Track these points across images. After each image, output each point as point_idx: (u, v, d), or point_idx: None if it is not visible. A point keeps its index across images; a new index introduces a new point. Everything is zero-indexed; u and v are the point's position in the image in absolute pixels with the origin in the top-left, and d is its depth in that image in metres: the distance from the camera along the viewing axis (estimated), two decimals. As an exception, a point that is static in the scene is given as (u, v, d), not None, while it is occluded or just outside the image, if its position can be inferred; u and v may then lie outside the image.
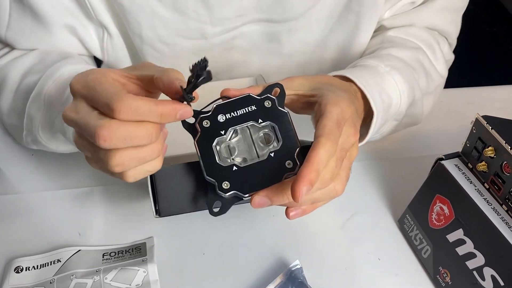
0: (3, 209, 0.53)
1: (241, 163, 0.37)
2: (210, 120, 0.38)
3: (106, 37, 0.57)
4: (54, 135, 0.50)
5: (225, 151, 0.38)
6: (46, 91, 0.49)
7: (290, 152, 0.37)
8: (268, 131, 0.38)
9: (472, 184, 0.44)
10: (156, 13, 0.54)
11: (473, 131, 0.44)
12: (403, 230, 0.52)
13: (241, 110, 0.39)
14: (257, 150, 0.38)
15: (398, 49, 0.56)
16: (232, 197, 0.37)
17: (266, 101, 0.39)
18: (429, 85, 0.58)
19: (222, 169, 0.37)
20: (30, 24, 0.54)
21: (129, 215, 0.53)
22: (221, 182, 0.36)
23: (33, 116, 0.50)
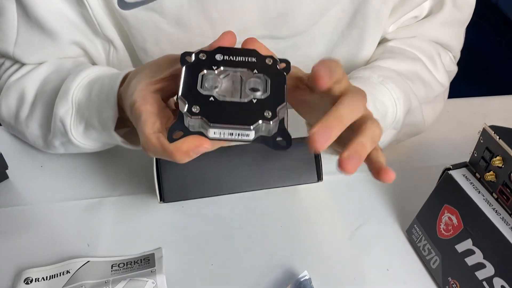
0: (12, 220, 0.53)
1: (219, 96, 0.35)
2: (207, 55, 0.37)
3: (112, 51, 0.58)
4: (87, 134, 0.52)
5: (209, 84, 0.36)
6: (73, 93, 0.50)
7: (273, 105, 0.35)
8: (259, 80, 0.37)
9: (480, 194, 0.44)
10: (160, 28, 0.55)
11: (480, 141, 0.44)
12: (411, 240, 0.52)
13: (241, 57, 0.38)
14: (242, 93, 0.36)
15: (395, 61, 0.57)
16: (197, 128, 0.35)
17: (268, 59, 0.38)
18: (428, 94, 0.58)
19: (198, 95, 0.35)
20: (38, 39, 0.55)
21: (137, 226, 0.53)
22: (192, 105, 0.34)
23: (63, 118, 0.51)
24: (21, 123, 0.57)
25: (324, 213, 0.55)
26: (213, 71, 0.36)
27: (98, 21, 0.54)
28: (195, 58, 0.37)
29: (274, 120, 0.34)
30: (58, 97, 0.51)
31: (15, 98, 0.57)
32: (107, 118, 0.47)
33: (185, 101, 0.34)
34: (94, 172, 0.58)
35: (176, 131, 0.34)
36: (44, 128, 0.55)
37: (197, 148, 0.33)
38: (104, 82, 0.48)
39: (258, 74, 0.37)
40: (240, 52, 0.38)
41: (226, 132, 0.34)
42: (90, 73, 0.51)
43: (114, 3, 0.52)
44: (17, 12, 0.53)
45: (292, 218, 0.54)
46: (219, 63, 0.37)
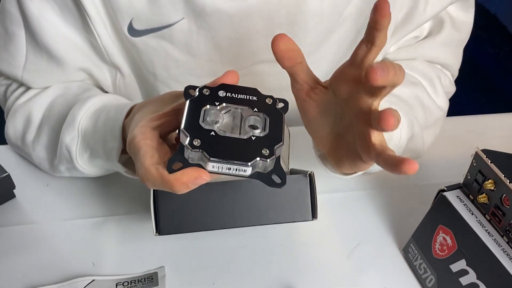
0: (19, 239, 0.55)
1: (220, 132, 0.37)
2: (210, 90, 0.39)
3: (118, 76, 0.60)
4: (92, 161, 0.54)
5: (211, 118, 0.38)
6: (80, 121, 0.52)
7: (271, 143, 0.36)
8: (259, 118, 0.38)
9: (473, 215, 0.46)
10: (169, 55, 0.56)
11: (473, 164, 0.46)
12: (407, 259, 0.53)
13: (243, 95, 0.39)
14: (241, 130, 0.38)
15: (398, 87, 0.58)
16: (196, 160, 0.36)
17: (268, 98, 0.40)
18: (428, 119, 0.60)
19: (200, 129, 0.36)
20: (46, 65, 0.57)
21: (141, 244, 0.54)
22: (194, 138, 0.35)
23: (69, 146, 0.52)
24: (28, 146, 0.59)
25: (323, 232, 0.56)
26: (215, 107, 0.38)
27: (106, 49, 0.56)
28: (199, 93, 0.39)
29: (271, 159, 0.36)
30: (65, 125, 0.53)
31: (22, 121, 0.58)
32: (112, 149, 0.48)
33: (187, 134, 0.36)
34: (99, 191, 0.60)
35: (176, 162, 0.36)
36: (50, 152, 0.57)
37: (196, 179, 0.34)
38: (110, 113, 0.49)
39: (258, 113, 0.38)
40: (242, 90, 0.40)
41: (224, 167, 0.35)
42: (96, 101, 0.53)
43: (124, 31, 0.54)
44: (26, 38, 0.55)
45: (291, 238, 0.55)
46: (221, 99, 0.39)
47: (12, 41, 0.55)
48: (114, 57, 0.57)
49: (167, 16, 0.53)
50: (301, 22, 0.55)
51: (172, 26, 0.53)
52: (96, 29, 0.54)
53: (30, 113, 0.58)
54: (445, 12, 0.62)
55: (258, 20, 0.54)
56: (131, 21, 0.53)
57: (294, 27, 0.56)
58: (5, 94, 0.63)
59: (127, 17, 0.53)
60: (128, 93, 0.62)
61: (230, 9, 0.52)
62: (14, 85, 0.62)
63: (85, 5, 0.52)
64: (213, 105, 0.38)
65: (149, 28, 0.54)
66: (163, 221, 0.44)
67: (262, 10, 0.53)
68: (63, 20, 0.54)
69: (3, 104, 0.64)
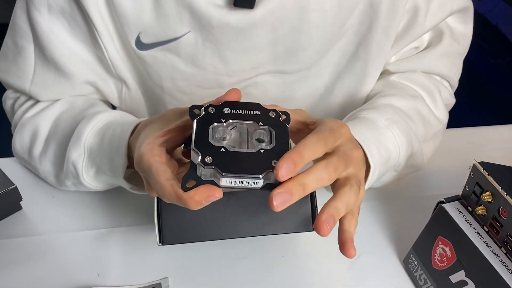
0: (25, 250, 0.56)
1: (229, 147, 0.38)
2: (215, 108, 0.40)
3: (124, 90, 0.62)
4: (98, 177, 0.55)
5: (219, 135, 0.39)
6: (86, 138, 0.53)
7: (279, 154, 0.37)
8: (265, 132, 0.40)
9: (472, 227, 0.46)
10: (175, 67, 0.58)
11: (471, 176, 0.47)
12: (408, 270, 0.54)
13: (247, 111, 0.41)
14: (249, 144, 0.39)
15: (398, 99, 0.60)
16: (209, 177, 0.37)
17: (271, 112, 0.42)
18: (427, 132, 0.61)
19: (210, 146, 0.37)
20: (53, 78, 0.58)
21: (145, 255, 0.55)
22: (205, 156, 0.36)
23: (75, 162, 0.54)
24: (35, 160, 0.60)
25: (324, 244, 0.56)
26: (222, 124, 0.40)
27: (113, 62, 0.57)
28: (204, 112, 0.40)
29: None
30: (71, 141, 0.54)
31: (29, 135, 0.60)
32: (117, 166, 0.50)
33: (198, 152, 0.37)
34: (104, 203, 0.61)
35: (190, 180, 0.37)
36: (56, 166, 0.58)
37: (208, 197, 0.36)
38: (116, 131, 0.51)
39: (263, 126, 0.40)
40: (245, 106, 0.41)
41: (237, 181, 0.37)
42: (102, 118, 0.54)
43: (132, 44, 0.55)
44: (34, 53, 0.57)
45: (294, 249, 0.56)
46: (227, 116, 0.40)
47: (22, 55, 0.57)
48: (120, 71, 0.59)
49: (174, 29, 0.54)
50: (304, 33, 0.57)
51: (179, 39, 0.55)
52: (104, 44, 0.55)
53: (37, 127, 0.59)
54: (445, 24, 0.63)
55: (262, 31, 0.55)
56: (138, 35, 0.55)
57: (296, 37, 0.57)
58: (13, 107, 0.64)
59: (135, 31, 0.54)
60: (134, 106, 0.64)
61: (235, 22, 0.54)
62: (22, 99, 0.63)
63: (93, 20, 0.53)
64: (220, 122, 0.40)
65: (157, 41, 0.55)
66: (166, 231, 0.45)
67: (266, 22, 0.55)
68: (71, 34, 0.56)
69: (11, 117, 0.65)
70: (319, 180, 0.38)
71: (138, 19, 0.54)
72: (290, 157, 0.36)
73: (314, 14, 0.55)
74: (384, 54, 0.62)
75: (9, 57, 0.59)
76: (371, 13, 0.57)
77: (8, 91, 0.65)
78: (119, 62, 0.58)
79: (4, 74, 0.60)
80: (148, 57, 0.57)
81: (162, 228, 0.45)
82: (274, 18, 0.55)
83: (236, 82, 0.61)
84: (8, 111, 0.66)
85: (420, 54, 0.65)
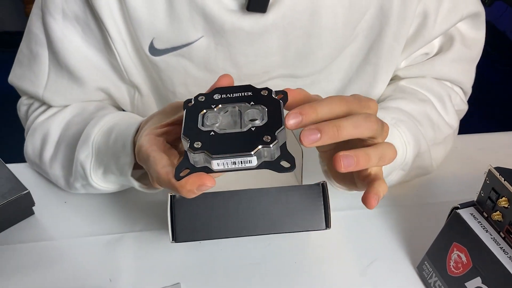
0: (38, 255, 0.56)
1: (220, 130, 0.37)
2: (205, 96, 0.40)
3: (137, 95, 0.62)
4: (106, 178, 0.55)
5: (210, 121, 0.38)
6: (94, 139, 0.53)
7: (272, 129, 0.36)
8: (257, 110, 0.38)
9: (488, 233, 0.46)
10: (188, 72, 0.58)
11: (486, 181, 0.46)
12: (422, 277, 0.53)
13: (238, 93, 0.40)
14: (242, 125, 0.38)
15: (407, 102, 0.60)
16: (203, 163, 0.36)
17: (263, 91, 0.40)
18: (436, 136, 0.60)
19: (200, 132, 0.37)
20: (66, 84, 0.59)
21: (157, 261, 0.55)
22: (194, 141, 0.36)
23: (83, 163, 0.54)
24: (45, 163, 0.60)
25: (337, 250, 0.56)
26: (213, 110, 0.39)
27: (126, 68, 0.58)
28: (194, 101, 0.40)
29: (274, 143, 0.35)
30: (80, 142, 0.54)
31: (40, 139, 0.60)
32: (124, 164, 0.50)
33: (187, 139, 0.36)
34: (116, 209, 0.61)
35: (183, 169, 0.36)
36: (66, 169, 0.58)
37: (200, 186, 0.35)
38: (121, 129, 0.51)
39: (255, 105, 0.39)
40: (236, 89, 0.40)
41: (229, 162, 0.35)
42: (110, 119, 0.55)
43: (145, 50, 0.56)
44: (48, 59, 0.57)
45: (306, 255, 0.55)
46: (217, 101, 0.39)
47: (36, 61, 0.58)
48: (133, 77, 0.59)
49: (187, 34, 0.55)
50: (315, 37, 0.57)
51: (192, 44, 0.55)
52: (117, 50, 0.56)
53: (48, 131, 0.59)
54: (456, 29, 0.63)
55: (274, 36, 0.56)
56: (152, 41, 0.55)
57: (308, 41, 0.57)
58: (27, 113, 0.65)
59: (148, 37, 0.55)
60: (146, 111, 0.64)
61: (247, 27, 0.54)
62: (36, 104, 0.64)
63: (107, 26, 0.54)
64: (210, 108, 0.39)
65: (170, 47, 0.56)
66: (179, 229, 0.45)
67: (278, 26, 0.55)
68: (85, 41, 0.56)
69: (24, 123, 0.66)
70: (357, 126, 0.36)
71: (152, 25, 0.54)
72: (301, 107, 0.35)
73: (325, 18, 0.56)
74: (394, 59, 0.62)
75: (24, 64, 0.59)
76: (381, 17, 0.58)
77: (22, 97, 0.65)
78: (132, 68, 0.58)
79: (19, 80, 0.61)
80: (161, 63, 0.57)
81: (175, 225, 0.45)
82: (285, 22, 0.55)
83: None
84: (22, 117, 0.67)
85: (430, 60, 0.65)
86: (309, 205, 0.47)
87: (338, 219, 0.53)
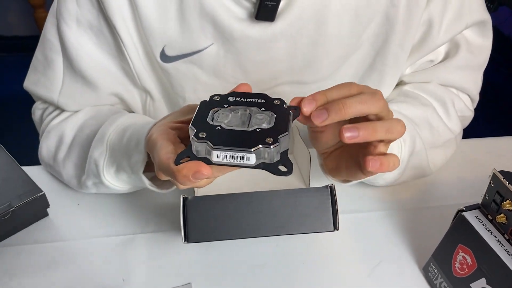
0: (52, 256, 0.57)
1: (226, 126, 0.38)
2: (221, 97, 0.42)
3: (148, 100, 0.64)
4: (118, 176, 0.56)
5: (219, 118, 0.39)
6: (108, 137, 0.55)
7: (276, 133, 0.37)
8: (266, 116, 0.40)
9: (492, 235, 0.47)
10: (198, 78, 0.60)
11: (491, 184, 0.47)
12: (428, 278, 0.54)
13: (251, 99, 0.41)
14: (248, 126, 0.39)
15: (407, 106, 0.61)
16: (204, 154, 0.37)
17: (276, 100, 0.42)
18: (435, 139, 0.61)
19: (207, 125, 0.38)
20: (80, 89, 0.60)
21: (169, 261, 0.56)
22: (200, 132, 0.37)
23: (97, 160, 0.55)
24: (59, 163, 0.62)
25: (344, 251, 0.58)
26: (224, 108, 0.40)
27: (138, 74, 0.59)
28: (209, 99, 0.41)
29: (275, 146, 0.36)
30: (95, 140, 0.56)
31: (55, 140, 0.62)
32: (136, 161, 0.51)
33: (193, 128, 0.38)
34: (128, 210, 0.62)
35: (184, 157, 0.38)
36: (78, 168, 0.60)
37: (196, 173, 0.36)
38: (136, 128, 0.53)
39: (265, 111, 0.40)
40: (251, 96, 0.42)
41: (228, 155, 0.36)
42: (126, 119, 0.56)
43: (157, 57, 0.57)
44: (63, 65, 0.59)
45: (313, 256, 0.57)
46: (230, 103, 0.41)
47: (51, 67, 0.59)
48: (145, 82, 0.61)
49: (198, 42, 0.56)
50: (321, 44, 0.58)
51: (202, 51, 0.57)
52: (130, 56, 0.57)
53: (62, 133, 0.61)
54: (461, 36, 0.64)
55: (281, 43, 0.57)
56: (163, 48, 0.57)
57: (314, 48, 0.59)
58: (41, 117, 0.66)
59: (160, 44, 0.56)
60: (158, 116, 0.65)
61: (256, 35, 0.55)
62: (50, 109, 0.65)
63: (120, 33, 0.55)
64: (222, 107, 0.40)
65: (181, 54, 0.57)
66: (191, 230, 0.46)
67: (285, 34, 0.56)
68: (98, 47, 0.58)
69: (39, 126, 0.67)
70: (363, 102, 0.38)
71: (164, 33, 0.56)
72: (313, 94, 0.37)
73: (331, 27, 0.57)
74: (399, 66, 0.63)
75: (39, 70, 0.61)
76: (387, 25, 0.59)
77: (37, 102, 0.67)
78: (143, 74, 0.60)
79: (34, 85, 0.62)
80: (171, 69, 0.59)
81: (187, 226, 0.46)
82: (293, 30, 0.56)
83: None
84: (37, 121, 0.68)
85: (435, 67, 0.66)
86: (317, 207, 0.48)
87: (345, 221, 0.54)
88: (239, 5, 0.54)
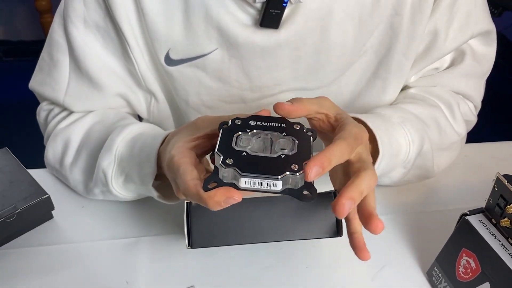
0: (56, 258, 0.57)
1: (251, 152, 0.39)
2: (242, 121, 0.42)
3: (153, 102, 0.64)
4: (126, 186, 0.56)
5: (243, 143, 0.40)
6: (117, 147, 0.55)
7: (300, 160, 0.38)
8: (288, 141, 0.41)
9: (496, 239, 0.47)
10: (201, 82, 0.60)
11: (495, 188, 0.47)
12: (431, 282, 0.54)
13: (272, 123, 0.42)
14: (272, 151, 0.40)
15: (415, 106, 0.61)
16: (230, 179, 0.38)
17: (296, 125, 0.43)
18: (442, 141, 0.61)
19: (233, 151, 0.39)
20: (86, 90, 0.61)
21: (172, 264, 0.56)
22: (226, 158, 0.38)
23: (105, 169, 0.55)
24: (65, 169, 0.62)
25: (347, 255, 0.57)
26: (247, 133, 0.41)
27: (143, 76, 0.60)
28: (231, 123, 0.42)
29: (300, 173, 0.38)
30: (103, 149, 0.56)
31: (61, 145, 0.62)
32: (147, 174, 0.51)
33: (220, 155, 0.39)
34: (132, 213, 0.63)
35: (211, 182, 0.38)
36: (86, 175, 0.60)
37: (227, 199, 0.37)
38: (146, 140, 0.53)
39: (287, 136, 0.41)
40: (271, 119, 0.43)
41: (256, 182, 0.37)
42: (134, 129, 0.56)
43: (161, 60, 0.58)
44: (69, 65, 0.59)
45: (317, 260, 0.57)
46: (252, 127, 0.42)
47: (57, 67, 0.60)
48: (150, 84, 0.61)
49: (202, 46, 0.57)
50: (325, 52, 0.58)
51: (206, 56, 0.57)
52: (135, 58, 0.58)
53: (69, 138, 0.61)
54: (467, 45, 0.64)
55: (286, 50, 0.57)
56: (168, 51, 0.57)
57: (318, 56, 0.59)
58: (46, 119, 0.67)
59: (164, 47, 0.57)
60: (161, 118, 0.66)
61: (261, 41, 0.56)
62: (56, 110, 0.66)
63: (126, 35, 0.56)
64: (245, 132, 0.41)
65: (185, 57, 0.58)
66: (195, 235, 0.46)
67: (290, 41, 0.57)
68: (105, 48, 0.58)
69: (44, 129, 0.68)
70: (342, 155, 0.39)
71: (169, 36, 0.56)
72: (320, 160, 0.37)
73: (334, 35, 0.57)
74: (403, 74, 0.63)
75: (45, 70, 0.62)
76: (391, 34, 0.59)
77: (42, 103, 0.68)
78: (148, 76, 0.60)
79: (40, 86, 0.63)
80: (175, 73, 0.59)
81: (191, 232, 0.46)
82: (297, 38, 0.57)
83: (258, 98, 0.63)
84: (42, 123, 0.69)
85: (440, 73, 0.66)
86: (321, 213, 0.48)
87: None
88: (244, 12, 0.55)
